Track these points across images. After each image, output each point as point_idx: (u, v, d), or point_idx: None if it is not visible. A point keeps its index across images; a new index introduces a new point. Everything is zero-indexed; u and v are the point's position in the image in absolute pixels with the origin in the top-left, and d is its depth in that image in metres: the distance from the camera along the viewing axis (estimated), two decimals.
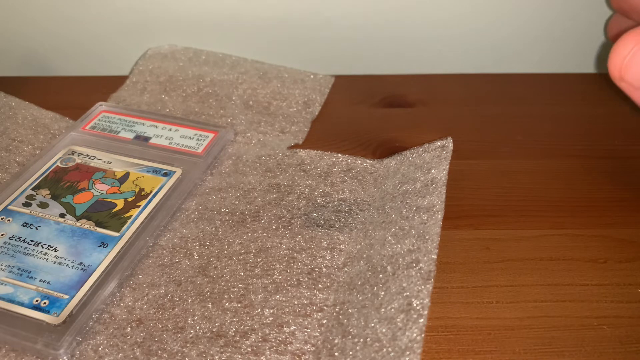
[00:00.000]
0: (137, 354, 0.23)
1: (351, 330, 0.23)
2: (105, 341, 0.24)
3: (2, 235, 0.27)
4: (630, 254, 0.28)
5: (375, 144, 0.35)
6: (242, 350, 0.23)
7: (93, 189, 0.30)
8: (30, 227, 0.28)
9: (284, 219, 0.29)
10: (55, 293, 0.25)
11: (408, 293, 0.22)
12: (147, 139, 0.34)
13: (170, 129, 0.35)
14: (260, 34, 0.43)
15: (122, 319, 0.25)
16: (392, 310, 0.22)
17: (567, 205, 0.31)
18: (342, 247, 0.28)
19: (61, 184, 0.31)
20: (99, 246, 0.27)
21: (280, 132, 0.36)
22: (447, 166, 0.28)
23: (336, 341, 0.23)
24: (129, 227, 0.28)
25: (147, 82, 0.40)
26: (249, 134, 0.36)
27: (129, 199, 0.30)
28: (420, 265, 0.23)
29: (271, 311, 0.25)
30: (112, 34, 0.43)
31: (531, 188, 0.32)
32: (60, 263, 0.26)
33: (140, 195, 0.30)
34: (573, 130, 0.37)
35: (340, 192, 0.31)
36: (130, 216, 0.29)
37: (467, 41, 0.43)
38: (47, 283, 0.25)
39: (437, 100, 0.40)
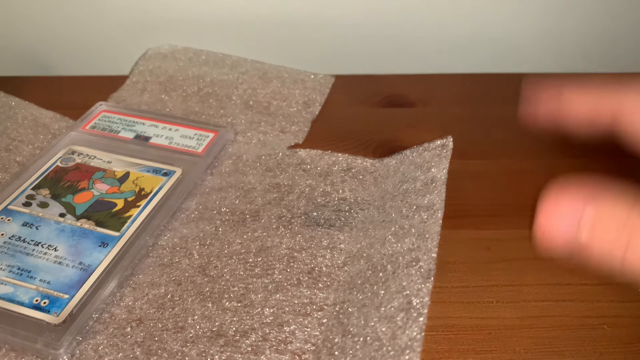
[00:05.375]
0: (137, 353, 0.23)
1: (351, 329, 0.23)
2: (105, 341, 0.24)
3: (2, 235, 0.27)
4: None
5: (375, 143, 0.35)
6: (242, 349, 0.23)
7: (93, 188, 0.30)
8: (30, 227, 0.28)
9: (284, 219, 0.29)
10: (55, 293, 0.25)
11: (408, 292, 0.22)
12: (147, 138, 0.34)
13: (170, 129, 0.35)
14: (260, 34, 0.43)
15: (122, 319, 0.25)
16: (392, 309, 0.22)
17: None
18: (342, 246, 0.28)
19: (61, 183, 0.31)
20: (99, 246, 0.27)
21: (281, 131, 0.36)
22: (447, 165, 0.28)
23: (336, 340, 0.23)
24: (129, 227, 0.28)
25: (147, 82, 0.40)
26: (249, 134, 0.36)
27: (129, 199, 0.30)
28: (420, 263, 0.23)
29: (271, 310, 0.25)
30: (112, 34, 0.43)
31: (531, 188, 0.32)
32: (60, 263, 0.26)
33: (140, 195, 0.30)
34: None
35: (341, 191, 0.31)
36: (130, 216, 0.29)
37: (467, 41, 0.43)
38: (47, 283, 0.25)
39: (437, 100, 0.40)
